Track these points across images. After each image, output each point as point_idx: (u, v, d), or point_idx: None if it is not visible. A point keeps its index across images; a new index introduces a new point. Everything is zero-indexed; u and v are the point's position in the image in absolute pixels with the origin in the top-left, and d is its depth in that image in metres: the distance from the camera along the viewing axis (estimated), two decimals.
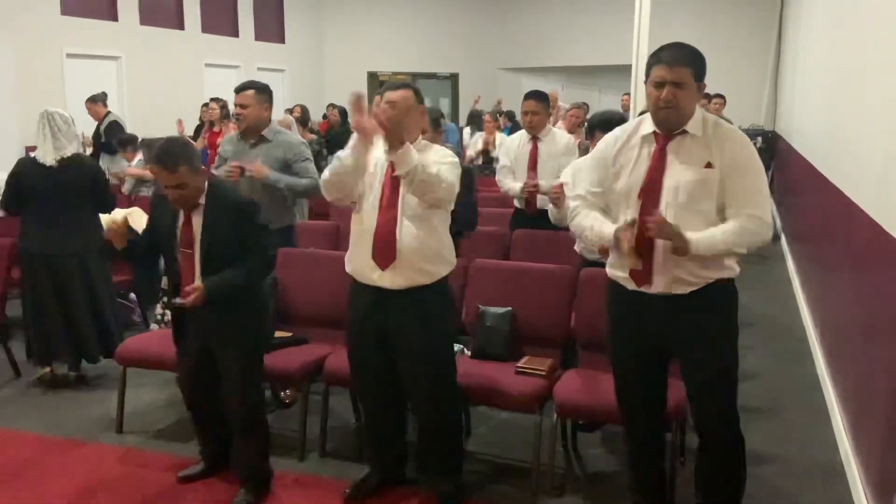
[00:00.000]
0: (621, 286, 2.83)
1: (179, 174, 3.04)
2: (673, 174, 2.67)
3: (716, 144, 2.66)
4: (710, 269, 2.69)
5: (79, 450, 3.79)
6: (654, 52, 2.71)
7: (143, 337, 4.14)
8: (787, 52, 11.54)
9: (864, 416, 3.41)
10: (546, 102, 4.94)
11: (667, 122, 2.68)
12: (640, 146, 2.75)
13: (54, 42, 9.97)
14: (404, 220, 3.05)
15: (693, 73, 2.64)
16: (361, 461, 3.56)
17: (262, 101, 4.28)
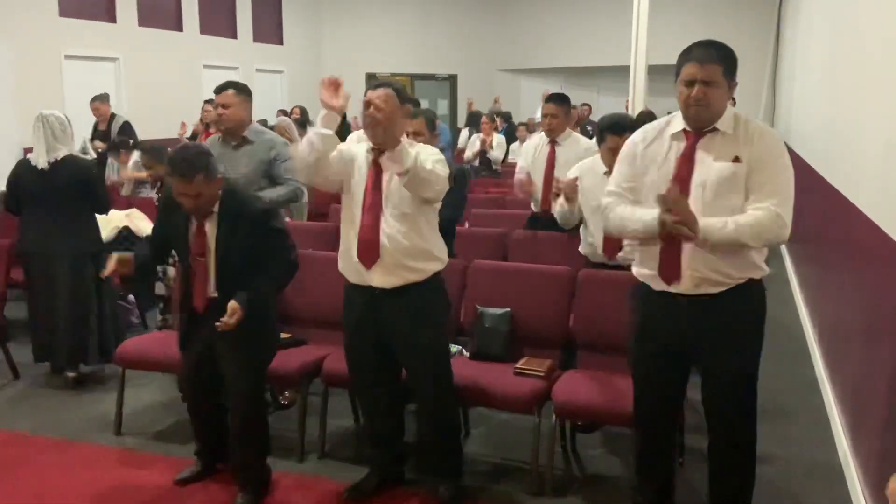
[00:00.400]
0: (648, 287, 2.79)
1: (196, 184, 3.02)
2: (701, 171, 2.64)
3: (745, 140, 2.62)
4: (738, 268, 2.65)
5: (77, 451, 3.79)
6: (684, 50, 2.67)
7: (141, 339, 4.14)
8: (784, 53, 11.55)
9: (863, 416, 3.42)
10: (567, 106, 4.81)
11: (697, 119, 2.64)
12: (669, 143, 2.72)
13: (52, 43, 9.97)
14: (389, 219, 3.06)
15: (724, 70, 2.60)
16: (360, 462, 3.55)
17: (243, 100, 4.23)
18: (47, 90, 9.84)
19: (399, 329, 3.14)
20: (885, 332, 3.05)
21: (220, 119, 4.26)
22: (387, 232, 3.05)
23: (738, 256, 2.62)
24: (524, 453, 3.57)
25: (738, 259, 2.63)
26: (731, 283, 2.65)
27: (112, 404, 4.03)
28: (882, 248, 3.15)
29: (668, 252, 2.67)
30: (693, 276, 2.65)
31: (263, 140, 4.29)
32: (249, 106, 4.29)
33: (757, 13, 13.20)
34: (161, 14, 11.96)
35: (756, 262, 2.69)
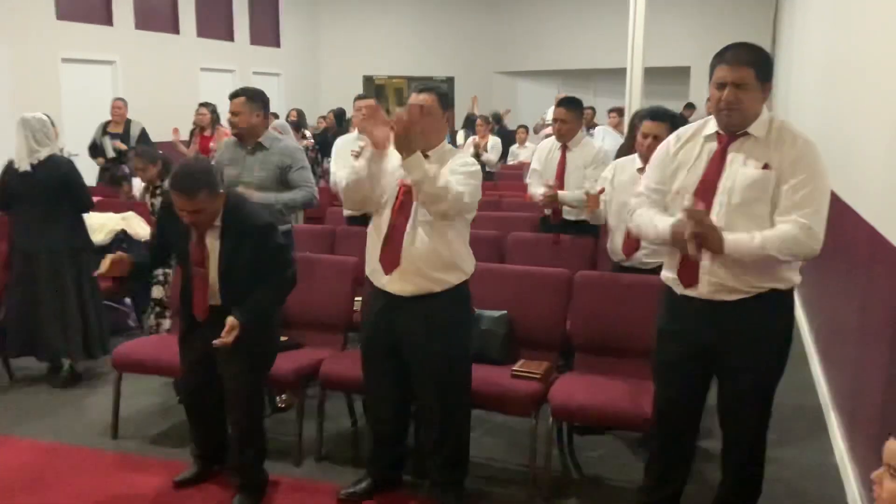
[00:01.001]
0: (671, 289, 2.78)
1: (198, 201, 3.01)
2: (730, 175, 2.59)
3: (777, 146, 2.57)
4: (759, 278, 2.59)
5: (74, 455, 3.78)
6: (718, 52, 2.62)
7: (138, 342, 4.13)
8: (781, 57, 11.57)
9: (860, 417, 3.42)
10: (578, 110, 4.73)
11: (729, 123, 2.61)
12: (702, 146, 2.70)
13: (49, 47, 9.96)
14: (417, 227, 3.04)
15: (756, 73, 2.55)
16: (358, 465, 3.56)
17: (254, 108, 4.20)
18: (44, 93, 9.82)
19: (414, 337, 3.13)
20: (882, 335, 3.05)
21: (233, 125, 4.26)
22: (412, 238, 3.04)
23: (760, 265, 2.56)
24: (522, 456, 3.57)
25: (761, 268, 2.57)
26: (751, 291, 2.60)
27: (108, 408, 4.02)
28: (879, 251, 3.15)
29: (687, 257, 2.63)
30: (710, 282, 2.62)
31: (279, 147, 4.28)
32: (262, 112, 4.26)
33: (753, 17, 13.22)
34: (158, 17, 11.95)
35: (781, 274, 2.62)
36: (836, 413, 4.02)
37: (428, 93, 3.09)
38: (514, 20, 15.90)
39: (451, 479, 3.28)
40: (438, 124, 3.11)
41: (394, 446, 3.41)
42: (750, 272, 2.58)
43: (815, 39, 6.72)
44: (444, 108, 3.13)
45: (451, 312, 3.14)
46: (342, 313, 3.95)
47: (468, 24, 16.15)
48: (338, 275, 3.97)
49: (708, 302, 2.65)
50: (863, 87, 3.92)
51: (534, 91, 15.96)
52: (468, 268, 3.19)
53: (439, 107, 3.10)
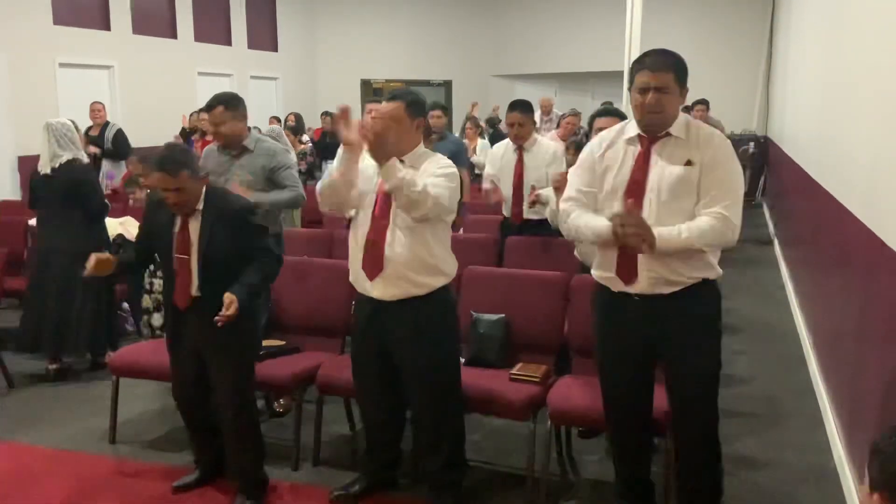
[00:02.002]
0: (606, 288, 2.88)
1: (180, 179, 3.07)
2: (656, 174, 2.74)
3: (697, 144, 2.73)
4: (693, 269, 2.74)
5: (72, 460, 3.78)
6: (637, 59, 2.80)
7: (135, 347, 4.13)
8: (778, 57, 11.59)
9: (858, 420, 3.42)
10: (531, 113, 4.89)
11: (651, 125, 2.76)
12: (626, 148, 2.83)
13: (47, 52, 9.96)
14: (396, 231, 3.06)
15: (675, 77, 2.71)
16: (355, 469, 3.55)
17: (235, 113, 4.16)
18: (42, 98, 9.82)
19: (401, 342, 3.14)
20: (880, 336, 3.05)
21: (218, 136, 4.22)
22: (392, 243, 3.05)
23: (692, 257, 2.72)
24: (520, 460, 3.56)
25: (693, 260, 2.72)
26: (686, 282, 2.74)
27: (106, 413, 4.01)
28: (875, 252, 3.15)
29: (625, 254, 2.76)
30: (649, 277, 2.74)
31: (263, 148, 4.27)
32: (243, 116, 4.24)
33: (750, 19, 13.24)
34: (155, 21, 11.95)
35: (710, 263, 2.78)
36: (835, 415, 4.02)
37: (396, 101, 3.10)
38: (511, 23, 15.92)
39: (448, 482, 3.28)
40: (408, 131, 3.10)
41: (388, 449, 3.42)
42: (684, 264, 2.72)
43: (812, 42, 6.73)
44: (415, 115, 3.11)
45: (436, 316, 3.15)
46: (339, 317, 3.94)
47: (465, 27, 16.17)
48: (335, 279, 3.96)
49: (645, 297, 2.77)
50: (858, 88, 3.93)
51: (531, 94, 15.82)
52: (450, 270, 3.21)
53: (408, 114, 3.09)
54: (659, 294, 2.76)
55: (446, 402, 3.23)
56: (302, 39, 15.94)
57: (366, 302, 3.19)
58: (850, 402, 3.67)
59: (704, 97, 9.06)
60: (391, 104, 3.10)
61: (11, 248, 5.51)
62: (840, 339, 4.08)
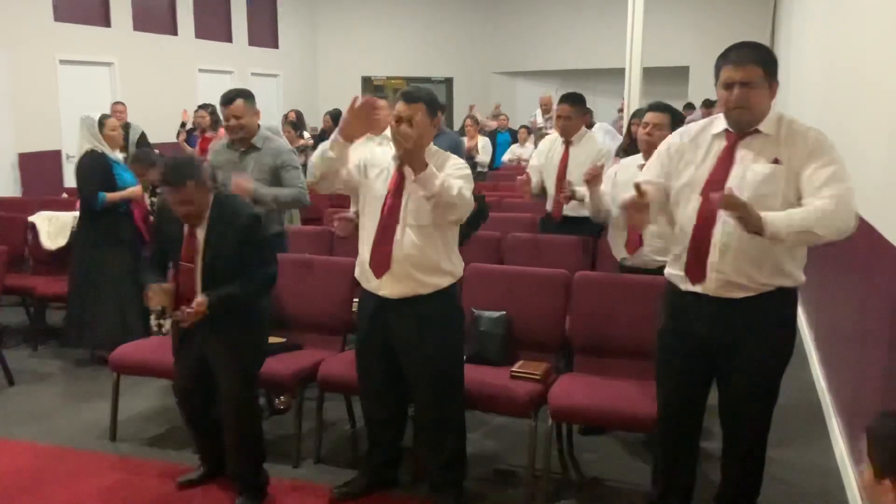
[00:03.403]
0: (676, 286, 2.77)
1: (187, 191, 3.06)
2: (739, 172, 2.59)
3: (787, 142, 2.57)
4: (765, 274, 2.59)
5: (73, 458, 3.77)
6: (722, 53, 2.64)
7: (136, 344, 4.12)
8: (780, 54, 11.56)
9: (860, 419, 3.41)
10: (581, 106, 4.71)
11: (739, 122, 2.61)
12: (710, 143, 2.69)
13: (47, 48, 9.94)
14: (406, 230, 3.05)
15: (763, 70, 2.56)
16: (356, 467, 3.55)
17: (252, 108, 4.20)
18: (42, 95, 9.81)
19: (405, 339, 3.14)
20: (883, 335, 3.05)
21: (236, 129, 4.20)
22: (401, 242, 3.04)
23: (767, 262, 2.56)
24: (521, 457, 3.56)
25: (767, 264, 2.57)
26: (757, 288, 2.60)
27: (107, 410, 4.01)
28: (879, 251, 3.15)
29: (695, 252, 2.65)
30: (717, 278, 2.62)
31: (270, 147, 4.26)
32: (258, 111, 4.27)
33: (752, 16, 13.21)
34: (156, 18, 11.94)
35: (787, 270, 2.61)
36: (837, 414, 4.01)
37: (415, 103, 3.01)
38: (513, 20, 15.90)
39: (449, 480, 3.28)
40: (427, 130, 3.08)
41: (389, 446, 3.41)
42: (757, 269, 2.58)
43: (814, 39, 6.72)
44: (433, 115, 3.09)
45: (442, 315, 3.14)
46: (341, 315, 3.94)
47: (467, 24, 16.15)
48: (336, 276, 3.96)
49: (714, 299, 2.64)
50: (861, 86, 3.92)
51: (532, 91, 15.93)
52: (458, 270, 3.20)
53: (427, 116, 3.04)
54: (729, 298, 2.62)
55: (449, 400, 3.22)
56: (303, 36, 15.92)
57: (370, 299, 3.18)
58: (852, 401, 3.66)
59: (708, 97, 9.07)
60: (414, 106, 3.01)
61: (12, 246, 5.52)
62: (842, 336, 4.08)
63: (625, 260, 3.89)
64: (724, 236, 2.58)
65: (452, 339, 3.22)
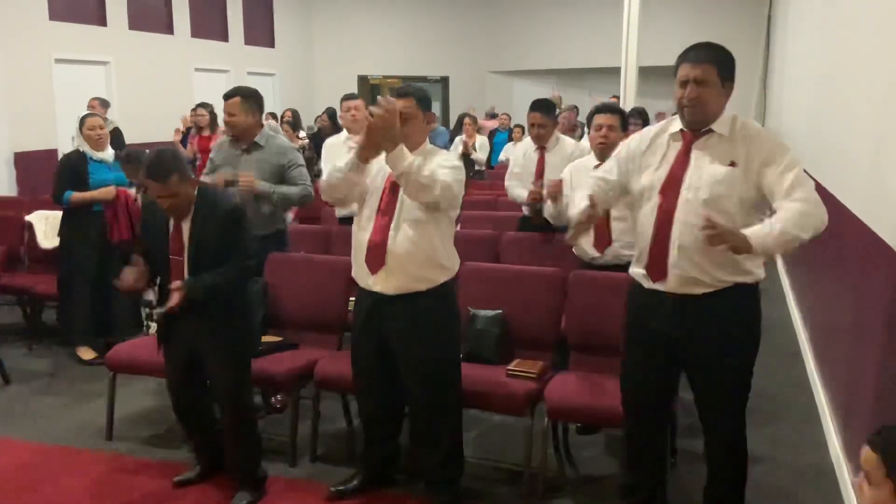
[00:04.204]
0: (639, 284, 2.82)
1: (171, 185, 3.08)
2: (695, 172, 2.64)
3: (743, 143, 2.62)
4: (723, 271, 2.63)
5: (69, 457, 3.77)
6: (682, 52, 2.69)
7: (132, 343, 4.12)
8: (775, 53, 11.59)
9: (854, 416, 3.43)
10: (552, 113, 4.79)
11: (692, 120, 2.66)
12: (667, 144, 2.75)
13: (42, 47, 9.93)
14: (401, 225, 3.06)
15: (718, 70, 2.61)
16: (353, 465, 3.55)
17: (249, 108, 4.19)
18: (37, 94, 9.80)
19: (401, 336, 3.14)
20: (876, 332, 3.06)
21: (228, 125, 4.26)
22: (396, 237, 3.05)
23: (725, 259, 2.58)
24: (517, 455, 3.56)
25: (726, 262, 2.61)
26: (717, 285, 2.65)
27: (103, 409, 4.01)
28: (872, 248, 3.16)
29: (656, 251, 2.70)
30: (677, 275, 2.67)
31: (274, 145, 4.27)
32: (257, 111, 4.25)
33: (747, 15, 13.25)
34: (152, 17, 11.93)
35: (745, 267, 2.66)
36: (831, 412, 4.03)
37: (406, 98, 3.09)
38: (509, 20, 15.91)
39: (445, 478, 3.29)
40: (420, 126, 3.12)
41: (385, 445, 3.42)
42: (714, 265, 2.63)
43: (808, 39, 6.74)
44: (424, 110, 3.14)
45: (437, 311, 3.15)
46: (337, 313, 3.94)
47: (463, 23, 16.16)
48: (333, 275, 3.96)
49: (676, 296, 2.70)
50: (853, 86, 3.93)
51: (529, 90, 15.94)
52: (453, 266, 3.21)
53: (419, 109, 3.11)
54: (691, 294, 2.67)
55: (445, 397, 3.23)
56: (299, 35, 15.92)
57: (366, 296, 3.19)
58: (846, 399, 3.68)
59: None
60: (402, 101, 3.06)
61: (8, 245, 5.52)
62: (835, 334, 4.09)
63: (595, 259, 3.92)
64: (682, 236, 2.64)
65: (448, 338, 3.23)
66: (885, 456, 1.56)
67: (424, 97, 3.16)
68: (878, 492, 1.57)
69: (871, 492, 1.58)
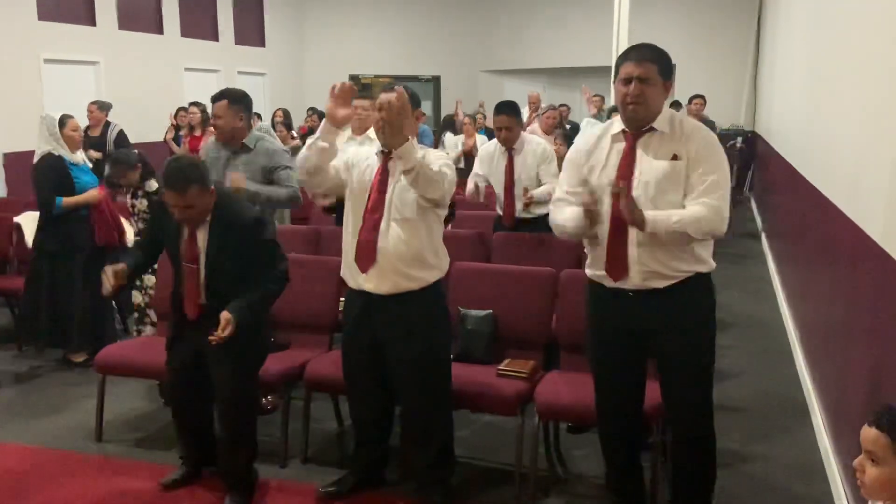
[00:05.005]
0: (600, 285, 2.87)
1: (189, 196, 3.03)
2: (642, 169, 2.74)
3: (683, 139, 2.73)
4: (683, 262, 2.74)
5: (58, 459, 3.75)
6: (622, 53, 2.81)
7: (121, 345, 4.11)
8: (765, 53, 11.63)
9: (843, 414, 3.44)
10: (518, 115, 4.79)
11: (635, 118, 2.74)
12: (611, 145, 2.82)
13: (31, 48, 9.87)
14: (391, 224, 3.06)
15: (659, 69, 2.72)
16: (344, 467, 3.54)
17: (236, 111, 4.15)
18: (26, 95, 9.74)
19: (392, 336, 3.14)
20: (865, 330, 3.07)
21: (215, 128, 4.24)
22: (386, 236, 3.05)
23: (684, 251, 2.72)
24: (508, 455, 3.56)
25: (685, 253, 2.73)
26: (678, 276, 2.74)
27: (92, 411, 3.99)
28: (860, 246, 3.17)
29: (615, 250, 2.76)
30: (641, 271, 2.74)
31: (262, 147, 4.24)
32: (245, 114, 4.22)
33: (737, 15, 13.26)
34: (141, 17, 11.87)
35: (701, 257, 2.78)
36: (821, 409, 4.04)
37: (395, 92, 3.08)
38: (500, 19, 15.90)
39: (436, 479, 3.28)
40: (410, 121, 3.11)
41: (376, 445, 3.41)
42: (674, 258, 2.72)
43: (798, 37, 6.76)
44: (414, 105, 3.16)
45: (428, 311, 3.15)
46: (328, 314, 3.93)
47: (454, 22, 16.14)
48: (323, 275, 3.95)
49: (638, 292, 2.77)
50: (843, 84, 3.95)
51: (520, 90, 15.90)
52: (443, 265, 3.21)
53: (410, 105, 3.10)
54: (653, 288, 2.75)
55: (436, 397, 3.22)
56: (290, 35, 15.88)
57: (357, 296, 3.19)
58: (836, 396, 3.69)
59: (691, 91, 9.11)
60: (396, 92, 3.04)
61: None
62: (826, 332, 4.10)
63: None
64: (640, 233, 2.69)
65: (439, 338, 3.23)
66: (893, 433, 1.60)
67: (413, 94, 3.17)
68: (885, 469, 1.61)
69: (876, 470, 1.61)
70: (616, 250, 2.76)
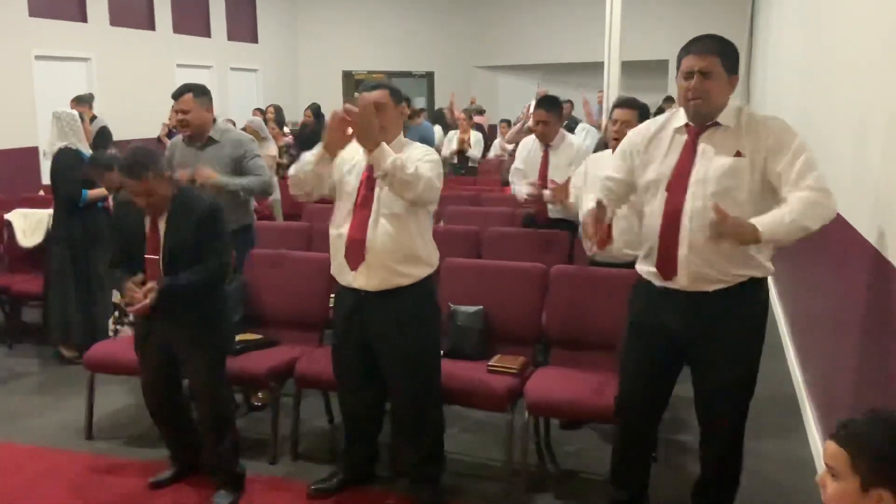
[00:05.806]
0: (649, 282, 2.77)
1: (146, 182, 3.06)
2: (702, 166, 2.60)
3: (748, 133, 2.57)
4: (736, 265, 2.59)
5: (48, 457, 3.74)
6: (685, 45, 2.64)
7: (110, 342, 4.09)
8: (758, 50, 11.63)
9: (835, 409, 3.44)
10: (558, 110, 4.70)
11: (697, 113, 2.61)
12: (672, 138, 2.70)
13: (22, 44, 9.82)
14: (379, 220, 3.04)
15: (723, 62, 2.57)
16: (334, 463, 3.54)
17: (203, 103, 4.16)
18: (17, 91, 9.70)
19: (383, 333, 3.13)
20: (855, 326, 3.07)
21: (183, 124, 4.20)
22: (375, 232, 3.04)
23: (737, 253, 2.55)
24: (499, 451, 3.56)
25: (738, 256, 2.57)
26: (730, 280, 2.61)
27: (82, 409, 3.98)
28: (851, 243, 3.17)
29: (665, 248, 2.65)
30: (690, 272, 2.62)
31: (229, 138, 4.24)
32: (210, 106, 4.23)
33: (730, 9, 13.27)
34: (133, 13, 11.82)
35: (758, 261, 2.62)
36: (812, 405, 4.05)
37: (379, 90, 3.10)
38: (494, 15, 15.89)
39: (426, 475, 3.28)
40: (394, 118, 3.12)
41: (367, 442, 3.41)
42: (727, 261, 2.58)
43: (791, 36, 6.76)
44: (397, 102, 3.14)
45: (418, 307, 3.14)
46: (318, 310, 3.93)
47: (447, 18, 16.12)
48: (313, 272, 3.95)
49: (688, 293, 2.65)
50: (833, 84, 3.95)
51: (514, 85, 15.97)
52: (433, 261, 3.20)
53: (392, 101, 3.11)
54: (702, 291, 2.62)
55: (426, 394, 3.22)
56: (282, 31, 15.83)
57: (347, 293, 3.18)
58: (826, 392, 3.70)
59: None
60: (377, 92, 3.08)
61: None
62: (817, 328, 4.11)
63: (595, 255, 3.90)
64: (692, 232, 2.59)
65: (429, 334, 3.22)
66: (850, 449, 1.55)
67: (396, 90, 3.17)
68: (843, 485, 1.56)
69: (836, 486, 1.58)
70: (666, 248, 2.64)
